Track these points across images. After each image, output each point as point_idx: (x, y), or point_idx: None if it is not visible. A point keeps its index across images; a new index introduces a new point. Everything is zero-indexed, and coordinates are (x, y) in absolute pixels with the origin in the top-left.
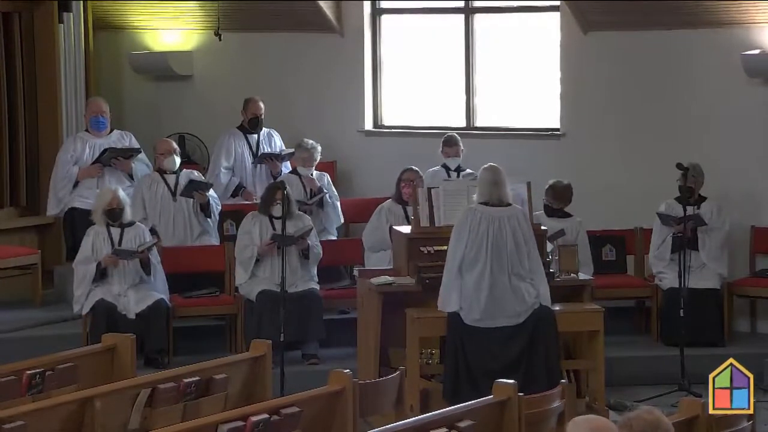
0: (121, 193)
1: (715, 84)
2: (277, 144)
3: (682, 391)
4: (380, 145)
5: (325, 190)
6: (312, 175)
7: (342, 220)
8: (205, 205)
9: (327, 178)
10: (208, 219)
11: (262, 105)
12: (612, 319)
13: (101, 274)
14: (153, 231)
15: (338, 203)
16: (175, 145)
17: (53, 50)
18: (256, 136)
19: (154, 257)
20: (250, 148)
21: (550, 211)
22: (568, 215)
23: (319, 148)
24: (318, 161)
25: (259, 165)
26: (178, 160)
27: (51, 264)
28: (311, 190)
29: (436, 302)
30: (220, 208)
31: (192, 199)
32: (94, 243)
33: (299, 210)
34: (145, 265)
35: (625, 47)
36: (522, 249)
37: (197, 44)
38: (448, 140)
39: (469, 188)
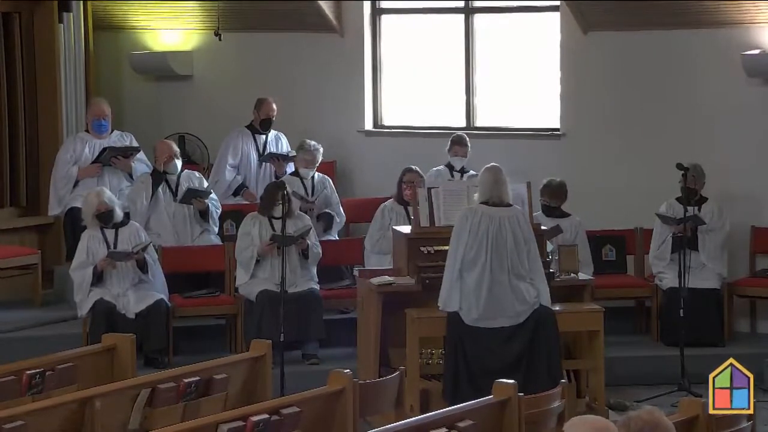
0: (107, 195)
1: (715, 84)
2: (284, 147)
3: (682, 391)
4: (380, 145)
5: (330, 211)
6: (313, 176)
7: (342, 222)
8: (204, 211)
9: (329, 182)
10: (207, 223)
11: (275, 106)
12: (612, 319)
13: (98, 278)
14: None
15: (340, 208)
16: (176, 148)
17: (53, 50)
18: (264, 137)
19: (151, 256)
20: (257, 148)
21: (548, 211)
22: (566, 214)
23: (321, 150)
24: (320, 163)
25: (264, 165)
26: (179, 163)
27: (51, 264)
28: (313, 188)
29: (436, 302)
30: (220, 211)
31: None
32: (90, 246)
33: (302, 208)
34: (141, 266)
35: (625, 47)
36: (522, 249)
37: (197, 44)
38: (459, 139)
39: (469, 189)
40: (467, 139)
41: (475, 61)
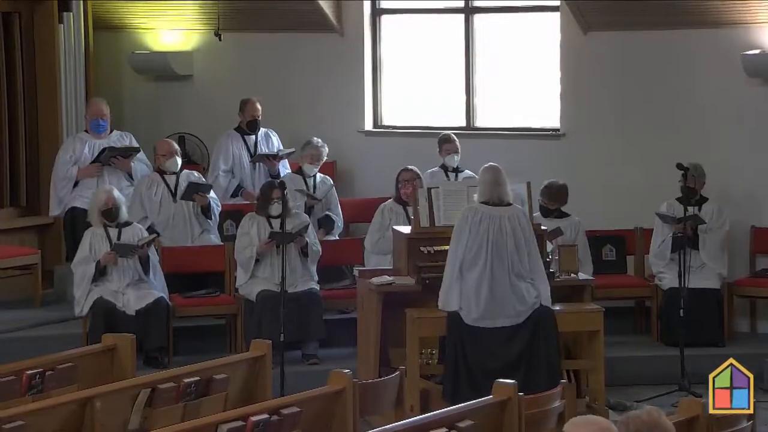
0: (116, 193)
1: (715, 84)
2: (275, 144)
3: (682, 391)
4: (380, 145)
5: (332, 215)
6: (316, 175)
7: (342, 225)
8: (206, 207)
9: (331, 182)
10: (209, 220)
11: (259, 106)
12: (612, 319)
13: (100, 273)
14: (152, 230)
15: (339, 211)
16: (176, 146)
17: (53, 50)
18: (253, 137)
19: (153, 256)
20: (248, 149)
21: (546, 212)
22: (565, 215)
23: (327, 148)
24: (324, 161)
25: (258, 165)
26: (179, 161)
27: (51, 264)
28: (315, 186)
29: (436, 302)
30: (220, 208)
31: (193, 202)
32: (92, 243)
33: (307, 204)
34: (144, 264)
35: (625, 47)
36: (522, 248)
37: (197, 44)
38: (446, 137)
39: (468, 189)
40: (453, 136)
41: (475, 61)
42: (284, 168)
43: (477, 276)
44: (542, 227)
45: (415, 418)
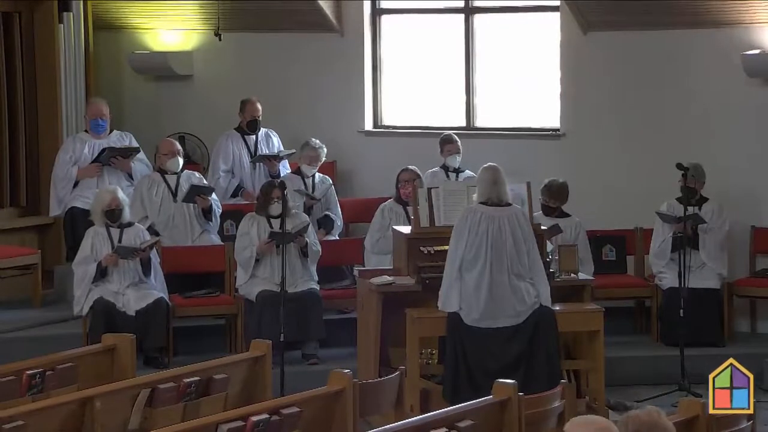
0: (120, 194)
1: (715, 84)
2: (275, 144)
3: (682, 391)
4: (380, 145)
5: (331, 215)
6: (315, 175)
7: (341, 225)
8: (208, 209)
9: (330, 182)
10: (210, 222)
11: (259, 106)
12: (612, 319)
13: (101, 274)
14: (152, 230)
15: (339, 211)
16: (178, 146)
17: (53, 50)
18: (254, 137)
19: (154, 258)
20: (248, 149)
21: (548, 211)
22: (566, 215)
23: (326, 149)
24: (323, 162)
25: (257, 165)
26: (181, 161)
27: (51, 264)
28: (313, 186)
29: (436, 302)
30: (221, 210)
31: (194, 204)
32: (94, 243)
33: (306, 204)
34: (145, 265)
35: (625, 47)
36: (521, 248)
37: (197, 44)
38: (448, 138)
39: (468, 189)
40: (455, 136)
41: (475, 61)
42: (284, 168)
43: (476, 276)
44: (542, 227)
45: (415, 418)
